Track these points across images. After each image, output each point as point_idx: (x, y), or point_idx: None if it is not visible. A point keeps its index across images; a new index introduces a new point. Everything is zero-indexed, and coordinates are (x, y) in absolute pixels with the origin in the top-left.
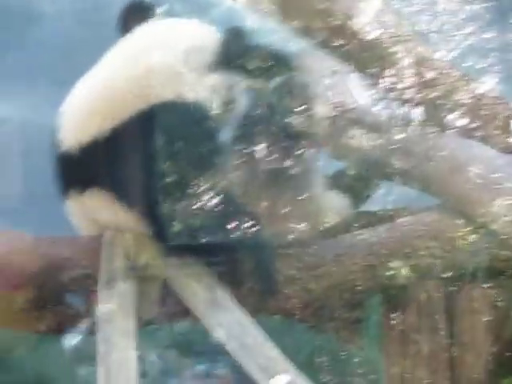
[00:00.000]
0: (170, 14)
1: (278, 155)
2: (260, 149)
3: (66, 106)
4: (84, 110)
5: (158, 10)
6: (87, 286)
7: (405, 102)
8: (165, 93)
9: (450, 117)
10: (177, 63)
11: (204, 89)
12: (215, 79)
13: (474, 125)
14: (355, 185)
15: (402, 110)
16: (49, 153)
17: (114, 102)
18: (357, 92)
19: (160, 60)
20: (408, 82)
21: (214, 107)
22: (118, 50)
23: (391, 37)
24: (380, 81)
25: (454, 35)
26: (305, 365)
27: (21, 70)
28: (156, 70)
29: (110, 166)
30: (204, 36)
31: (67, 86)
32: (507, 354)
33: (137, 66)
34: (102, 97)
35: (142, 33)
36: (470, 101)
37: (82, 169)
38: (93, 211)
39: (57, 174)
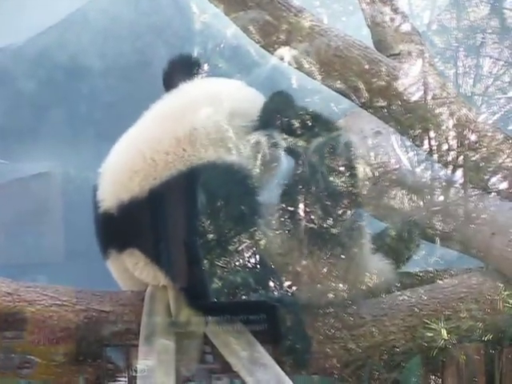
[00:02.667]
0: (214, 71)
1: (319, 215)
2: (301, 208)
3: (105, 165)
4: (124, 169)
5: (204, 67)
6: (127, 340)
7: (447, 163)
8: (207, 154)
9: (492, 179)
10: (221, 125)
11: (246, 149)
12: (257, 139)
13: None
14: (396, 245)
15: (444, 172)
16: (91, 207)
17: (155, 162)
18: (399, 153)
19: (204, 122)
20: (451, 143)
21: (256, 167)
22: (160, 108)
23: (435, 99)
24: (423, 142)
25: (498, 98)
26: None
27: (65, 126)
28: (199, 132)
29: (147, 227)
30: (249, 97)
31: (111, 142)
32: None
33: (180, 126)
34: (144, 157)
35: (186, 91)
36: None
37: (121, 228)
38: (132, 270)
39: (97, 233)
